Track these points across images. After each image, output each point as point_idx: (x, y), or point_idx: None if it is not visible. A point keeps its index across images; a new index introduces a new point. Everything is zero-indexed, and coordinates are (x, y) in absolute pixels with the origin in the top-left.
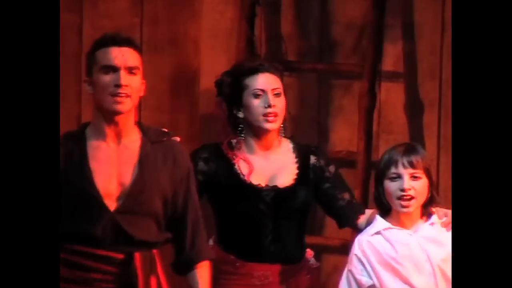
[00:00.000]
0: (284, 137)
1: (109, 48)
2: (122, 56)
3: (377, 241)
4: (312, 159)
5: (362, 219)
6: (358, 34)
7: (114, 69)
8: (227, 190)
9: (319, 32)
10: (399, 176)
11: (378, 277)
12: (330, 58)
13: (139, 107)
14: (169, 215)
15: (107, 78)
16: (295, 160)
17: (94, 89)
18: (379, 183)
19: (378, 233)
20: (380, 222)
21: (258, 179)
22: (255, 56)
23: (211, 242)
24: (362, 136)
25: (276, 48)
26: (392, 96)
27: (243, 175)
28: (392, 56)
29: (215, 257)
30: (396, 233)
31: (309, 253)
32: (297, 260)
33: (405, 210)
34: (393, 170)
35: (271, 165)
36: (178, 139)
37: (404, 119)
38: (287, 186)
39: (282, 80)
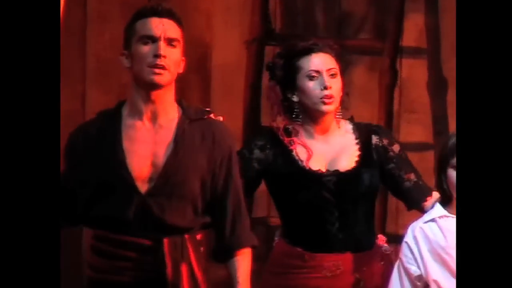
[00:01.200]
0: (343, 118)
1: (148, 19)
2: (162, 26)
3: (429, 229)
4: (374, 138)
5: (429, 202)
6: (378, 7)
7: (153, 39)
8: (286, 179)
9: (337, 5)
10: None
11: (425, 266)
12: (348, 33)
13: None
14: (208, 198)
15: (146, 49)
16: (356, 141)
17: (132, 62)
18: (442, 170)
19: (433, 220)
20: (436, 209)
21: (317, 164)
22: (270, 30)
23: (276, 237)
24: (382, 115)
25: (292, 22)
26: (414, 73)
27: (302, 161)
28: (414, 31)
29: (257, 244)
30: (451, 222)
31: (381, 239)
32: (368, 247)
33: None
34: None
35: (330, 148)
36: (221, 118)
37: (426, 98)
38: (349, 170)
39: (338, 60)
